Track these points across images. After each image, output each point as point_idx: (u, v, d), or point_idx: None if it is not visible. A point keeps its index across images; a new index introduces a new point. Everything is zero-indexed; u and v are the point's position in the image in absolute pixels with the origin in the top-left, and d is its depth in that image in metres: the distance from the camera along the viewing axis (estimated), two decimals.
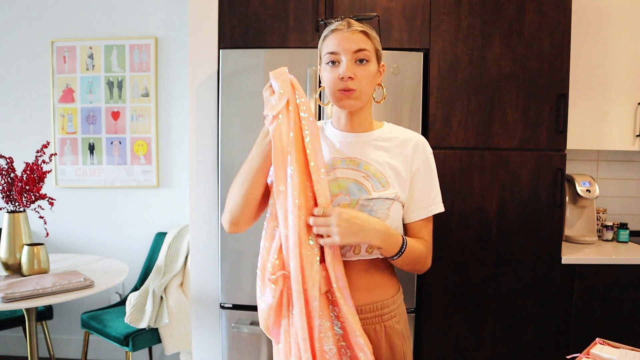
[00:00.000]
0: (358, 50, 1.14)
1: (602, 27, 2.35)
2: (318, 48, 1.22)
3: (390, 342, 1.20)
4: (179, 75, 2.93)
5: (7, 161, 2.24)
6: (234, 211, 1.18)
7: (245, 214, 1.18)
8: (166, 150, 2.99)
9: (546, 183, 2.13)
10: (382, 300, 1.20)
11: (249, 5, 2.09)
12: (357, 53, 1.15)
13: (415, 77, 2.04)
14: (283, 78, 1.09)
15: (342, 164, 1.19)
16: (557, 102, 2.11)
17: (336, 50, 1.15)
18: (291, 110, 1.09)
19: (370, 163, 1.19)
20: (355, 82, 1.14)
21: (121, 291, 3.03)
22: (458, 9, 2.08)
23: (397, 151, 1.21)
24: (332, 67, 1.16)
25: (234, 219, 1.19)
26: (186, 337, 2.52)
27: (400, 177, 1.20)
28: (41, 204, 2.33)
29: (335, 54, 1.15)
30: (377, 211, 1.15)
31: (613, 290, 2.17)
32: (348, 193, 1.16)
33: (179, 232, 2.81)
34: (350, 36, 1.14)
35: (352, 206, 1.15)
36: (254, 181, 1.15)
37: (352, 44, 1.14)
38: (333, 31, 1.17)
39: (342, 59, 1.14)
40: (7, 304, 1.89)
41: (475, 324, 2.16)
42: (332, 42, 1.16)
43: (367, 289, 1.18)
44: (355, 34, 1.15)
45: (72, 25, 2.96)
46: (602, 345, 1.15)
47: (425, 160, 1.23)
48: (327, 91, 1.18)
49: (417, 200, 1.23)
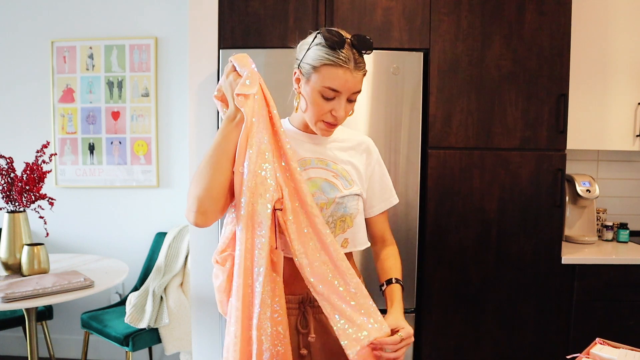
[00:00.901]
0: (356, 92, 1.15)
1: (602, 27, 2.35)
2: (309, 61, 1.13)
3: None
4: (179, 75, 2.93)
5: (7, 161, 2.24)
6: (203, 198, 1.09)
7: (215, 202, 1.10)
8: (166, 150, 2.99)
9: (546, 183, 2.12)
10: None
11: (249, 5, 2.09)
12: (353, 94, 1.15)
13: (415, 77, 2.04)
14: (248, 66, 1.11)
15: (312, 164, 1.23)
16: (557, 102, 2.11)
17: (338, 90, 1.12)
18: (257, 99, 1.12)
19: (337, 162, 1.24)
20: (340, 118, 1.16)
21: (121, 291, 3.03)
22: (458, 9, 2.08)
23: (353, 152, 1.28)
24: (326, 101, 1.13)
25: (202, 208, 1.09)
26: (186, 337, 2.52)
27: (360, 175, 1.27)
28: (41, 204, 2.33)
29: (336, 92, 1.12)
30: (350, 207, 1.23)
31: (613, 290, 2.17)
32: (323, 192, 1.21)
33: (179, 232, 2.81)
34: (354, 79, 1.12)
35: (329, 205, 1.20)
36: (222, 165, 1.10)
37: (354, 86, 1.13)
38: (338, 66, 1.10)
39: (342, 98, 1.13)
40: (7, 304, 1.89)
41: (475, 324, 2.16)
42: (336, 81, 1.10)
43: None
44: (359, 76, 1.13)
45: (72, 25, 2.96)
46: (602, 345, 1.15)
47: (377, 159, 1.32)
48: (309, 112, 1.16)
49: (376, 196, 1.32)
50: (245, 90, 1.09)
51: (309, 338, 1.21)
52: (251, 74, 1.10)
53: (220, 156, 1.11)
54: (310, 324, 1.23)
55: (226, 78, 1.14)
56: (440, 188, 2.11)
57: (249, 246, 1.09)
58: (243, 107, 1.09)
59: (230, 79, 1.12)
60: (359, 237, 1.28)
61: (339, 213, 1.22)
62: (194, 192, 1.10)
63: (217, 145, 1.12)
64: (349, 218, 1.24)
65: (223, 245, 1.19)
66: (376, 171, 1.31)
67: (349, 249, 1.26)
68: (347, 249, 1.26)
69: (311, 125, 1.20)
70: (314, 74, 1.13)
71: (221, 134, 1.12)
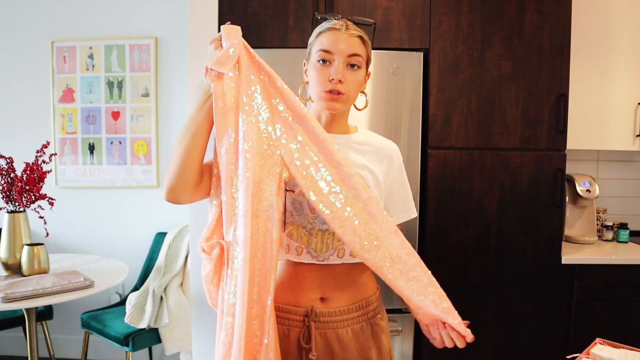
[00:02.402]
0: (352, 54, 1.11)
1: (602, 27, 2.35)
2: (309, 42, 1.17)
3: (378, 341, 1.21)
4: (179, 75, 2.93)
5: (7, 161, 2.24)
6: (171, 175, 1.06)
7: (183, 179, 1.05)
8: (166, 150, 2.99)
9: (546, 183, 2.12)
10: (367, 297, 1.21)
11: (249, 5, 2.09)
12: (351, 57, 1.11)
13: (415, 77, 2.04)
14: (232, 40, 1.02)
15: None
16: (557, 102, 2.11)
17: (330, 50, 1.11)
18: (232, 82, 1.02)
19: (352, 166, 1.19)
20: (344, 86, 1.11)
21: (121, 291, 3.03)
22: (458, 9, 2.08)
23: (373, 157, 1.21)
24: (323, 66, 1.12)
25: (171, 185, 1.06)
26: (186, 337, 2.52)
27: (378, 182, 1.19)
28: (41, 204, 2.32)
29: (329, 53, 1.11)
30: None
31: (613, 290, 2.17)
32: None
33: (179, 232, 2.81)
34: (347, 38, 1.11)
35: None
36: (192, 142, 1.04)
37: (347, 46, 1.11)
38: (329, 29, 1.12)
39: (335, 60, 1.11)
40: (7, 304, 1.89)
41: (475, 324, 2.15)
42: (328, 41, 1.11)
43: (351, 289, 1.19)
44: (352, 38, 1.12)
45: (72, 25, 2.96)
46: (602, 345, 1.15)
47: (399, 168, 1.25)
48: (312, 89, 1.15)
49: (395, 206, 1.24)
50: (218, 67, 1.00)
51: (310, 356, 1.13)
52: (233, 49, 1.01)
53: (186, 132, 1.05)
54: (312, 340, 1.13)
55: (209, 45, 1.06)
56: (440, 188, 2.11)
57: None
58: (213, 82, 1.01)
59: (211, 49, 1.04)
60: None
61: None
62: (167, 170, 1.08)
63: (186, 122, 1.06)
64: None
65: (208, 232, 1.08)
66: (397, 180, 1.24)
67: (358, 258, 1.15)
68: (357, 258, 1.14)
69: (318, 102, 1.14)
70: (312, 49, 1.15)
71: (192, 110, 1.06)
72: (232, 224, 1.03)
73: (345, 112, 1.20)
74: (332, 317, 1.15)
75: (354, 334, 1.17)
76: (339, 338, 1.15)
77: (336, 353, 1.15)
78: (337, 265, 1.17)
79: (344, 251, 1.16)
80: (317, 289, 1.16)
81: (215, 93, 1.01)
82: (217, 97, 1.01)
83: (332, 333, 1.15)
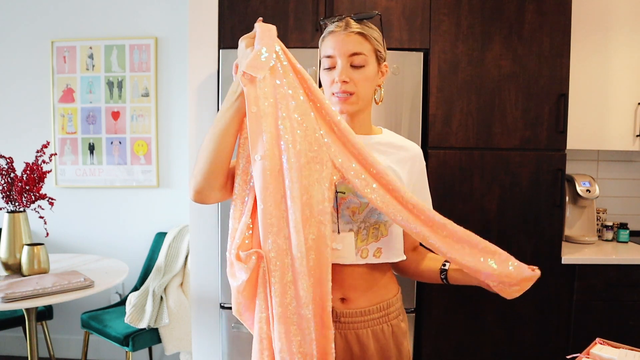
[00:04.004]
0: (353, 54, 1.11)
1: (602, 27, 2.35)
2: (318, 49, 1.20)
3: (398, 342, 1.20)
4: (179, 75, 2.93)
5: (7, 161, 2.24)
6: (198, 176, 1.05)
7: (210, 180, 1.05)
8: (166, 150, 2.99)
9: (546, 183, 2.12)
10: (387, 299, 1.20)
11: (249, 5, 2.09)
12: (352, 57, 1.12)
13: (415, 77, 2.04)
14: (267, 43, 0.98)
15: None
16: (557, 102, 2.11)
17: (331, 54, 1.12)
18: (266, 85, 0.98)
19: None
20: (351, 86, 1.11)
21: (121, 291, 3.03)
22: (458, 9, 2.08)
23: (396, 158, 1.20)
24: (329, 71, 1.14)
25: (198, 186, 1.06)
26: (186, 337, 2.52)
27: (402, 183, 1.18)
28: (41, 204, 2.33)
29: (331, 58, 1.13)
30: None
31: (613, 290, 2.17)
32: (355, 195, 1.13)
33: (179, 232, 2.81)
34: (345, 38, 1.11)
35: (362, 209, 1.14)
36: (220, 142, 1.02)
37: (347, 47, 1.11)
38: (330, 33, 1.14)
39: (338, 62, 1.12)
40: (7, 304, 1.89)
41: (475, 323, 2.16)
42: (328, 45, 1.13)
43: (372, 290, 1.18)
44: (352, 36, 1.11)
45: (72, 25, 2.96)
46: (602, 345, 1.15)
47: (421, 170, 1.25)
48: (325, 95, 1.15)
49: None
50: (253, 72, 0.96)
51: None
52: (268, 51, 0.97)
53: (214, 132, 1.03)
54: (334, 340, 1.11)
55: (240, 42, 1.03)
56: (440, 188, 2.11)
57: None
58: (246, 86, 0.98)
59: (242, 46, 1.01)
60: (393, 247, 1.19)
61: (372, 219, 1.15)
62: (194, 168, 1.07)
63: (214, 122, 1.05)
64: (383, 226, 1.16)
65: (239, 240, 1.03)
66: (419, 182, 1.24)
67: (382, 260, 1.17)
68: (380, 259, 1.16)
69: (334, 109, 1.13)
70: (320, 55, 1.17)
71: (220, 111, 1.05)
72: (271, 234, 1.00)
73: (362, 112, 1.19)
74: (352, 318, 1.15)
75: (373, 335, 1.16)
76: (358, 339, 1.15)
77: (355, 354, 1.15)
78: (359, 266, 1.16)
79: (368, 252, 1.16)
80: (338, 289, 1.14)
81: (247, 97, 0.98)
82: (250, 101, 0.97)
83: (352, 334, 1.15)
